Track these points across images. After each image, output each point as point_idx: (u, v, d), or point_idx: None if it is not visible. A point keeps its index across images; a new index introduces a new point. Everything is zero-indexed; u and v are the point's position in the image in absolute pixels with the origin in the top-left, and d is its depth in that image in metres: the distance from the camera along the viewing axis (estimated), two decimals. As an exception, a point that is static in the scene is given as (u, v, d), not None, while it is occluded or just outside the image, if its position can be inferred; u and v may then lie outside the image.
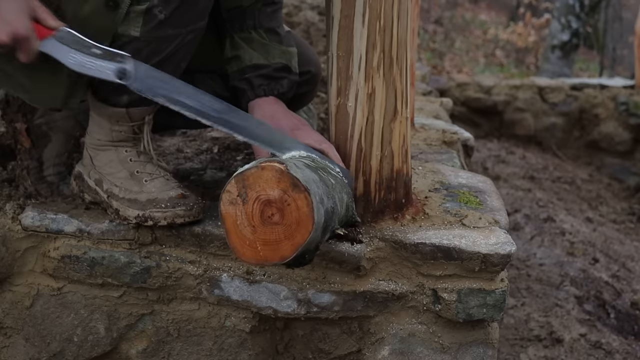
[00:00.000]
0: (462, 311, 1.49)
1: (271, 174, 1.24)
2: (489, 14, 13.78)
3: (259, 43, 1.66)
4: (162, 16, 1.44)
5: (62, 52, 1.39)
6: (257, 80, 1.63)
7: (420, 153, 2.16)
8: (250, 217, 1.24)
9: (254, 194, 1.24)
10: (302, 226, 1.24)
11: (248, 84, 1.63)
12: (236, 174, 1.25)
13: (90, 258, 1.54)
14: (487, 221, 1.58)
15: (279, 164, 1.24)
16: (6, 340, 1.62)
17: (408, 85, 1.53)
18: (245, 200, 1.25)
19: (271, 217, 1.25)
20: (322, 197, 1.27)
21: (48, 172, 1.67)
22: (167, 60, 1.49)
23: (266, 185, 1.24)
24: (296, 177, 1.23)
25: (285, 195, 1.23)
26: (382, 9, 1.44)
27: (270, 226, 1.25)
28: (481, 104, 5.72)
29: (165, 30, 1.46)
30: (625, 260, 3.77)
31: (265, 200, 1.24)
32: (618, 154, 5.57)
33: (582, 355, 2.69)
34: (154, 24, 1.44)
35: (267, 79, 1.63)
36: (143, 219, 1.48)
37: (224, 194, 1.25)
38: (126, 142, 1.56)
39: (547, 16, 9.76)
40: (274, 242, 1.26)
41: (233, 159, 2.05)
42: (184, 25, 1.48)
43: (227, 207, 1.25)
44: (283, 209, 1.24)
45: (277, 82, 1.64)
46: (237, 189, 1.25)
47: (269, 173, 1.24)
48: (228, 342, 1.59)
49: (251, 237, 1.25)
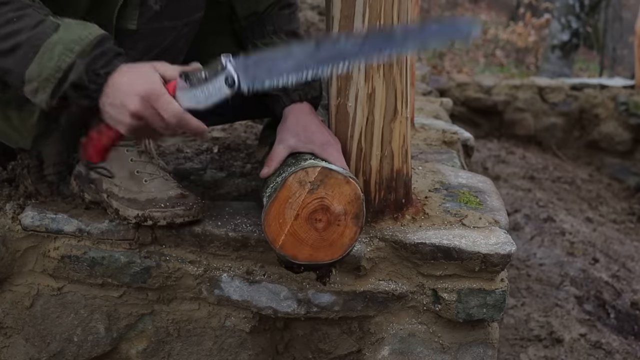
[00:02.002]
0: (462, 311, 1.49)
1: (349, 192, 1.26)
2: (489, 14, 13.78)
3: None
4: (158, 7, 1.44)
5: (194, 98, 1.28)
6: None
7: (420, 153, 2.16)
8: (302, 205, 1.26)
9: (322, 193, 1.26)
10: (331, 249, 1.27)
11: (282, 90, 1.58)
12: (326, 166, 1.27)
13: (90, 258, 1.54)
14: (487, 221, 1.58)
15: (361, 192, 1.27)
16: (6, 340, 1.62)
17: (408, 85, 1.53)
18: (312, 191, 1.26)
19: (317, 221, 1.26)
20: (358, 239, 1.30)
21: (48, 171, 1.67)
22: (164, 53, 1.49)
23: (338, 196, 1.26)
24: (363, 213, 1.26)
25: (344, 217, 1.26)
26: (382, 9, 1.44)
27: (309, 226, 1.26)
28: (481, 104, 5.72)
29: (162, 22, 1.46)
30: (625, 260, 3.77)
31: (325, 206, 1.26)
32: (618, 154, 5.57)
33: (582, 355, 2.69)
34: (150, 15, 1.44)
35: (301, 83, 1.61)
36: (142, 219, 1.48)
37: (301, 171, 1.26)
38: (127, 142, 1.56)
39: (547, 16, 9.76)
40: (300, 240, 1.27)
41: (233, 159, 2.05)
42: (180, 17, 1.48)
43: (293, 181, 1.26)
44: (331, 224, 1.26)
45: (309, 85, 1.60)
46: (315, 178, 1.26)
47: (349, 190, 1.26)
48: (228, 342, 1.59)
49: (287, 220, 1.27)
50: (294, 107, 1.58)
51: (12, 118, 1.47)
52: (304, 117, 1.56)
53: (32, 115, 1.46)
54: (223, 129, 2.38)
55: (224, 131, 2.37)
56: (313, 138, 1.49)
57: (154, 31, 1.47)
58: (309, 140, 1.49)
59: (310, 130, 1.52)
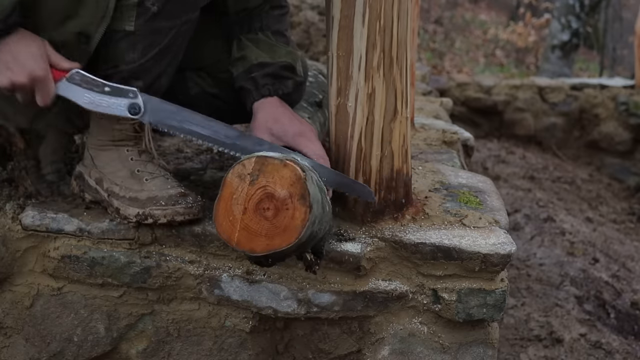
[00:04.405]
0: (462, 311, 1.49)
1: (289, 174, 1.25)
2: (489, 14, 13.78)
3: (266, 43, 1.66)
4: (155, 8, 1.44)
5: (76, 93, 1.44)
6: (262, 80, 1.62)
7: (420, 153, 2.16)
8: (247, 198, 1.25)
9: (263, 181, 1.25)
10: (286, 234, 1.25)
11: (253, 84, 1.62)
12: (259, 155, 1.26)
13: (90, 258, 1.54)
14: (487, 221, 1.58)
15: (301, 170, 1.25)
16: (6, 340, 1.62)
17: (408, 85, 1.53)
18: (253, 182, 1.26)
19: (265, 210, 1.25)
20: (316, 219, 1.29)
21: (46, 170, 1.67)
22: (164, 52, 1.50)
23: (279, 181, 1.25)
24: (308, 191, 1.24)
25: (290, 200, 1.24)
26: (382, 9, 1.44)
27: (259, 217, 1.26)
28: (481, 104, 5.72)
29: (160, 22, 1.46)
30: (625, 260, 3.77)
31: (269, 193, 1.25)
32: (618, 154, 5.57)
33: (582, 355, 2.69)
34: (148, 16, 1.44)
35: (272, 79, 1.62)
36: (143, 217, 1.48)
37: (238, 165, 1.26)
38: (127, 141, 1.56)
39: (547, 16, 9.77)
40: (253, 233, 1.27)
41: (233, 159, 2.05)
42: (177, 17, 1.48)
43: (233, 177, 1.27)
44: (279, 210, 1.25)
45: (282, 82, 1.63)
46: (252, 168, 1.26)
47: (289, 172, 1.25)
48: (228, 342, 1.59)
49: (237, 216, 1.26)
50: (264, 101, 1.61)
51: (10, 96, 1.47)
52: (273, 110, 1.59)
53: None
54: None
55: (224, 131, 2.36)
56: (285, 130, 1.53)
57: (153, 31, 1.47)
58: (282, 133, 1.53)
59: (281, 122, 1.55)
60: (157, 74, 1.52)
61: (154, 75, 1.52)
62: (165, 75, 1.55)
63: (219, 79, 1.73)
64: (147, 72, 1.50)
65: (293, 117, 1.58)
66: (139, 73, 1.49)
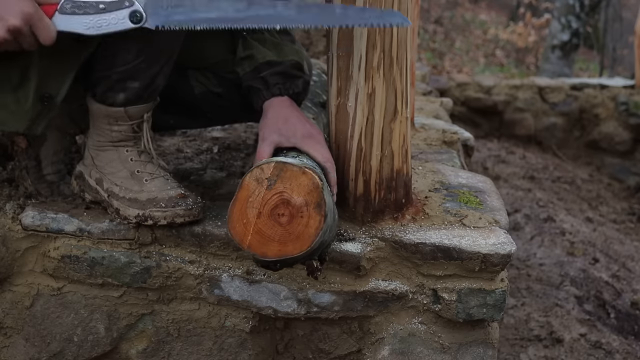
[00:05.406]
0: (462, 311, 1.49)
1: (307, 182, 1.25)
2: (489, 14, 13.78)
3: (272, 42, 1.66)
4: None
5: (74, 23, 1.36)
6: (272, 79, 1.60)
7: (420, 153, 2.16)
8: (263, 202, 1.26)
9: (281, 187, 1.26)
10: (299, 241, 1.26)
11: (263, 83, 1.60)
12: (279, 160, 1.27)
13: (90, 258, 1.54)
14: (487, 221, 1.58)
15: (320, 180, 1.26)
16: (6, 340, 1.62)
17: (408, 85, 1.53)
18: (270, 187, 1.26)
19: (280, 216, 1.26)
20: (328, 229, 1.30)
21: (47, 170, 1.67)
22: (160, 52, 1.49)
23: (296, 188, 1.25)
24: (324, 200, 1.25)
25: (305, 207, 1.25)
26: (382, 9, 1.44)
27: (273, 222, 1.26)
28: (481, 104, 5.72)
29: None
30: (625, 260, 3.77)
31: (285, 199, 1.25)
32: (618, 154, 5.57)
33: (582, 355, 2.69)
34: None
35: (282, 78, 1.61)
36: (143, 218, 1.48)
37: (257, 169, 1.27)
38: (127, 142, 1.56)
39: (547, 16, 9.76)
40: (266, 237, 1.27)
41: (233, 159, 2.05)
42: None
43: (250, 180, 1.27)
44: (294, 217, 1.25)
45: (292, 81, 1.61)
46: (271, 173, 1.26)
47: (307, 180, 1.25)
48: (228, 342, 1.59)
49: (251, 219, 1.27)
50: (274, 100, 1.59)
51: (7, 99, 1.46)
52: (284, 110, 1.57)
53: (27, 97, 1.45)
54: (223, 129, 2.37)
55: (224, 131, 2.36)
56: (295, 131, 1.51)
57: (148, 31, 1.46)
58: (291, 133, 1.50)
59: (291, 123, 1.53)
60: (153, 74, 1.52)
61: (151, 75, 1.52)
62: (161, 75, 1.54)
63: (224, 79, 1.72)
64: (142, 72, 1.50)
65: (302, 117, 1.57)
66: (134, 74, 1.49)
